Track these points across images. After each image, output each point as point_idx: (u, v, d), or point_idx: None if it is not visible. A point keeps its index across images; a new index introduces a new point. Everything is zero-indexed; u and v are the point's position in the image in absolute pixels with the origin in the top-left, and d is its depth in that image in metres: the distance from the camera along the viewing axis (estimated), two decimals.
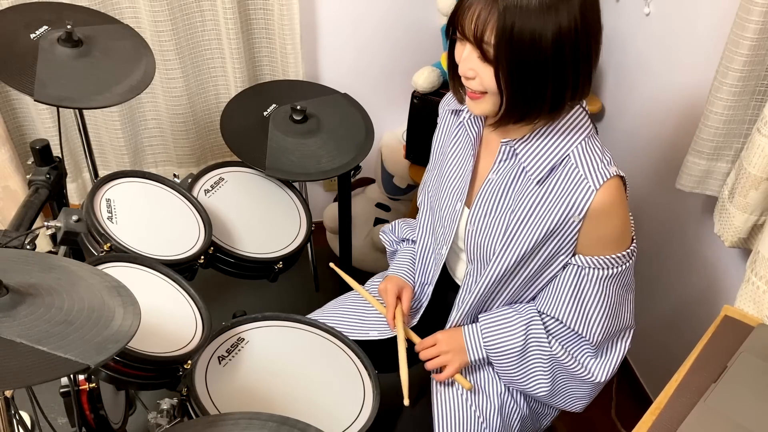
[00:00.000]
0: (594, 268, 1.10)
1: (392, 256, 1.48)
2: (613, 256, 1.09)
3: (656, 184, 1.72)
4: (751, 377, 1.04)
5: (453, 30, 1.03)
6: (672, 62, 1.61)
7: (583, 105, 1.10)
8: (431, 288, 1.34)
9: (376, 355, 1.32)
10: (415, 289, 1.36)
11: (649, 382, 1.90)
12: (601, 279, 1.11)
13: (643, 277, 1.82)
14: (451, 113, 1.27)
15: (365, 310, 1.40)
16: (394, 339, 1.31)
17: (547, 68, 0.97)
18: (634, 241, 1.13)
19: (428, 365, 1.24)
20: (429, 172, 1.35)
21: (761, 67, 1.23)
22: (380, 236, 1.51)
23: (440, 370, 1.25)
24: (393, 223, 1.49)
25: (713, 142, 1.34)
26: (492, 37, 0.95)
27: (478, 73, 1.01)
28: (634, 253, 1.12)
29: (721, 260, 1.53)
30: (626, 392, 1.94)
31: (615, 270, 1.10)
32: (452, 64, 1.10)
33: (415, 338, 1.29)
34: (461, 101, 1.15)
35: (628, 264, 1.12)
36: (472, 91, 1.05)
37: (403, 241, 1.45)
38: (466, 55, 1.02)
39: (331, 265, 1.46)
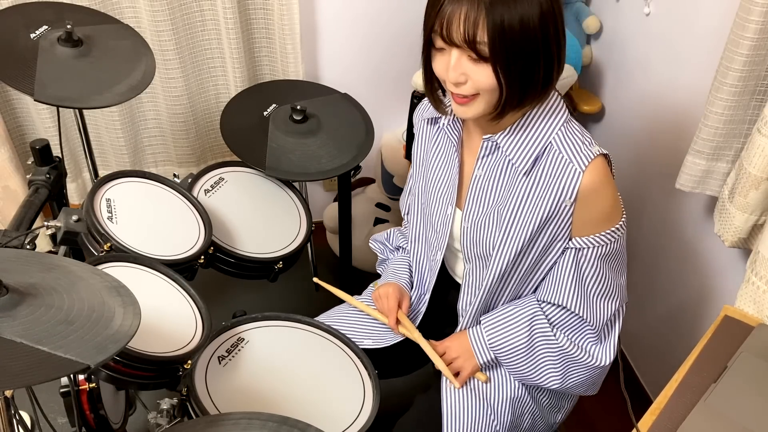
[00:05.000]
0: (591, 248, 1.11)
1: (382, 263, 1.47)
2: (607, 231, 1.11)
3: (656, 184, 1.72)
4: (751, 377, 1.04)
5: (429, 42, 1.03)
6: (672, 62, 1.61)
7: (556, 90, 1.11)
8: (428, 296, 1.34)
9: (372, 363, 1.31)
10: (412, 298, 1.36)
11: (649, 382, 1.90)
12: (598, 257, 1.13)
13: (643, 277, 1.82)
14: (427, 122, 1.27)
15: (360, 319, 1.39)
16: (388, 348, 1.31)
17: (538, 49, 0.99)
18: (624, 214, 1.14)
19: (444, 373, 1.25)
20: (412, 181, 1.35)
21: (761, 67, 1.23)
22: (370, 244, 1.50)
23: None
24: (387, 231, 1.48)
25: (713, 142, 1.34)
26: (484, 35, 0.96)
27: (469, 76, 1.01)
28: (624, 226, 1.14)
29: (721, 260, 1.53)
30: (626, 392, 1.94)
31: (611, 246, 1.12)
32: (429, 77, 1.09)
33: (423, 343, 1.27)
34: (444, 112, 1.16)
35: (622, 239, 1.14)
36: (463, 96, 1.04)
37: (398, 249, 1.45)
38: (455, 61, 1.01)
39: (315, 279, 1.45)
